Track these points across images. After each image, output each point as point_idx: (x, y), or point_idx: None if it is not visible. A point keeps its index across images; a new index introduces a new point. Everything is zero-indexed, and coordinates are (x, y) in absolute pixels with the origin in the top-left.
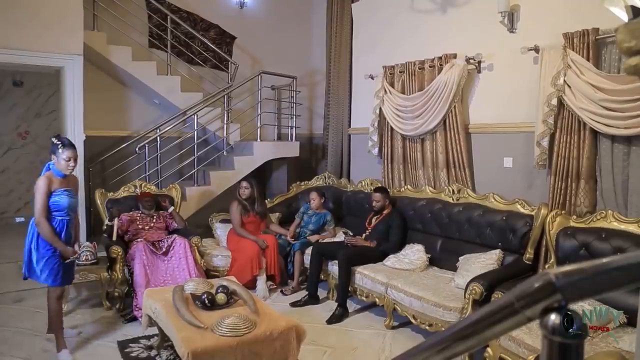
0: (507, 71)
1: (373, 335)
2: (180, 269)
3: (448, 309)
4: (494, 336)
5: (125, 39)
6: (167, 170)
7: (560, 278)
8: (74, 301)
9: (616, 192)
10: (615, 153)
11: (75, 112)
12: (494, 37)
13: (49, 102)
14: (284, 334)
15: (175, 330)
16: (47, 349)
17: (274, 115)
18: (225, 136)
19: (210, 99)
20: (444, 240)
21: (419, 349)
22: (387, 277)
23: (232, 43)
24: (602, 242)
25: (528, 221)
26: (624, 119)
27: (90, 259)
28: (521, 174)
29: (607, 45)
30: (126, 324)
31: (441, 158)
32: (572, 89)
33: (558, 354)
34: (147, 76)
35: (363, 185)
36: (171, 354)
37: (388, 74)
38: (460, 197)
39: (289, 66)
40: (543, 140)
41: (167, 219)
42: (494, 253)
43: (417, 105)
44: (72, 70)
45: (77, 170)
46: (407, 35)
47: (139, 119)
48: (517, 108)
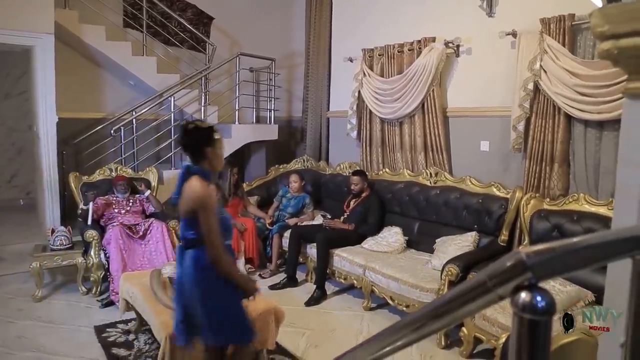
0: (485, 55)
1: (351, 317)
2: (157, 253)
3: (425, 290)
4: (467, 314)
5: (99, 18)
6: (144, 153)
7: (531, 257)
8: (49, 286)
9: (588, 175)
10: (587, 137)
11: (47, 93)
12: (472, 21)
13: (19, 82)
14: (263, 317)
15: (153, 314)
16: (21, 335)
17: (253, 98)
18: (203, 119)
19: (187, 81)
20: (422, 223)
21: (395, 327)
22: (365, 260)
23: (209, 24)
24: (574, 224)
25: (503, 204)
26: (597, 104)
27: (65, 244)
28: (497, 157)
29: (582, 31)
30: (103, 308)
31: (419, 141)
32: (548, 74)
33: (527, 330)
34: (121, 57)
35: (342, 168)
36: (149, 338)
37: (367, 57)
38: (438, 180)
39: (267, 48)
40: (519, 124)
41: (144, 202)
42: (470, 235)
43: (395, 89)
44: (43, 49)
45: (50, 153)
46: (387, 18)
47: (114, 101)
48: (494, 92)
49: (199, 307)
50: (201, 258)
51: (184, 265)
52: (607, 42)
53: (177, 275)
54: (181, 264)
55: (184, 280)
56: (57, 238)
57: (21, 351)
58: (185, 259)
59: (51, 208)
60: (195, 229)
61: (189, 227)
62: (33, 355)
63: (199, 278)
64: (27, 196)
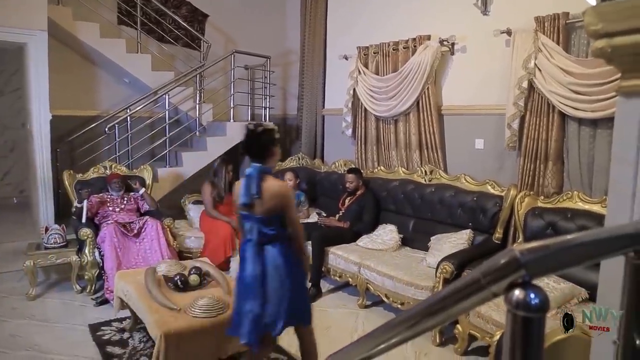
0: (479, 53)
1: (346, 315)
2: (152, 251)
3: (420, 287)
4: (462, 311)
5: (93, 15)
6: (138, 151)
7: (525, 254)
8: (43, 285)
9: (582, 173)
10: (582, 136)
11: (40, 90)
12: (467, 19)
13: (11, 79)
14: None
15: (148, 312)
16: (15, 334)
17: (248, 96)
18: (197, 116)
19: (182, 79)
20: (416, 221)
21: (389, 325)
22: (360, 257)
23: (204, 21)
24: (568, 221)
25: (498, 202)
26: (591, 102)
27: (59, 242)
28: (492, 155)
29: (576, 30)
30: (97, 307)
31: (414, 139)
32: (543, 72)
33: (521, 327)
34: (116, 54)
35: (337, 166)
36: (144, 337)
37: (362, 55)
38: (433, 178)
39: (262, 46)
40: (513, 122)
41: (138, 200)
42: (465, 233)
43: (390, 87)
44: (36, 46)
45: (44, 151)
46: (382, 16)
47: (109, 99)
48: (489, 90)
49: (286, 296)
50: (288, 251)
51: (269, 260)
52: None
53: (252, 272)
54: (258, 260)
55: (270, 274)
56: (51, 236)
57: (15, 350)
58: (268, 254)
59: (45, 206)
60: (275, 225)
61: (267, 224)
62: (27, 354)
63: (291, 270)
64: (21, 194)
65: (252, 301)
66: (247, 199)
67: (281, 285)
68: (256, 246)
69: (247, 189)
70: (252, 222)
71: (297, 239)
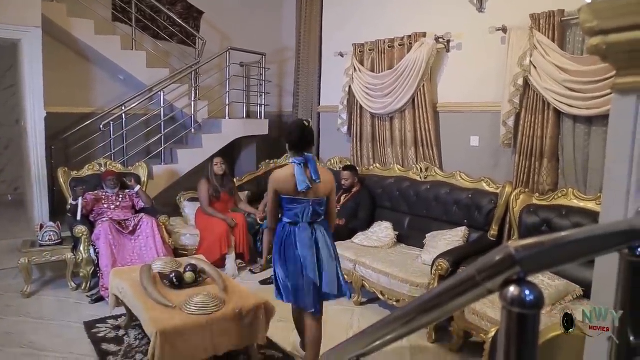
0: (475, 51)
1: (341, 312)
2: (147, 248)
3: (415, 284)
4: (457, 308)
5: (88, 12)
6: (134, 148)
7: (520, 251)
8: (38, 282)
9: (577, 170)
10: (577, 133)
11: (35, 87)
12: (463, 17)
13: (5, 76)
14: (253, 312)
15: (143, 309)
16: (10, 331)
17: (243, 93)
18: (193, 114)
19: (177, 76)
20: (412, 218)
21: (385, 321)
22: (356, 254)
23: (199, 18)
24: (563, 218)
25: (493, 199)
26: (585, 99)
27: (54, 239)
28: (487, 152)
29: (571, 27)
30: (93, 304)
31: (410, 136)
32: (538, 69)
33: (516, 324)
34: (110, 51)
35: (332, 164)
36: (139, 334)
37: (358, 52)
38: (428, 176)
39: (258, 43)
40: (509, 119)
41: (134, 198)
42: (460, 230)
43: (386, 84)
44: (30, 43)
45: (38, 148)
46: (378, 13)
47: (103, 96)
48: (484, 88)
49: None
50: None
51: (320, 237)
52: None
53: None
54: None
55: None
56: (46, 234)
57: (10, 347)
58: (319, 229)
59: (40, 203)
60: (324, 206)
61: (320, 205)
62: (22, 352)
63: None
64: (15, 191)
65: (311, 274)
66: (307, 184)
67: (331, 257)
68: (310, 226)
69: (304, 175)
70: (304, 205)
71: (335, 219)
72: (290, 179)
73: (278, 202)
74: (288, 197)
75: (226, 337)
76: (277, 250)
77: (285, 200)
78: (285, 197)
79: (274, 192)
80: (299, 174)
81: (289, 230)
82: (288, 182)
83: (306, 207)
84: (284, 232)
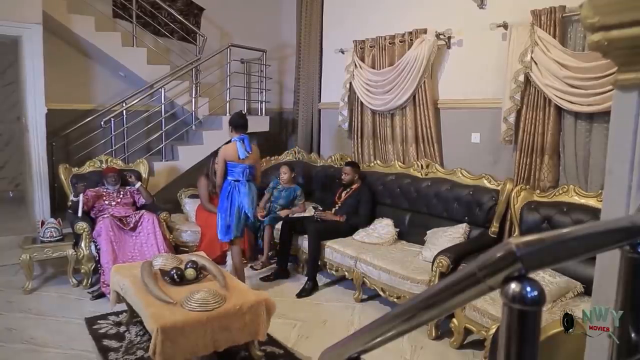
0: (476, 47)
1: (342, 308)
2: (148, 245)
3: (416, 281)
4: (458, 305)
5: (88, 8)
6: (134, 145)
7: (521, 248)
8: (39, 279)
9: (578, 167)
10: (578, 129)
11: (36, 84)
12: (464, 13)
13: (6, 72)
14: (254, 308)
15: (144, 306)
16: (11, 327)
17: (244, 89)
18: (193, 110)
19: (177, 72)
20: (413, 215)
21: (385, 318)
22: (356, 251)
23: (200, 15)
24: (564, 215)
25: (494, 196)
26: (587, 96)
27: (55, 236)
28: (488, 149)
29: (573, 23)
30: (94, 300)
31: (410, 133)
32: (539, 65)
33: (517, 321)
34: (111, 47)
35: (333, 160)
36: (140, 330)
37: (358, 49)
38: (429, 172)
39: (258, 39)
40: (510, 116)
41: (134, 194)
42: (461, 227)
43: (387, 80)
44: (31, 39)
45: (39, 144)
46: (378, 9)
47: (104, 92)
48: (485, 84)
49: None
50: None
51: (252, 190)
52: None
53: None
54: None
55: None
56: (47, 230)
57: (11, 343)
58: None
59: (41, 200)
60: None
61: (252, 169)
62: (23, 347)
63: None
64: (16, 188)
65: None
66: (245, 154)
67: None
68: (247, 182)
69: (242, 148)
70: (242, 168)
71: (259, 178)
72: (234, 151)
73: (225, 167)
74: (232, 162)
75: (227, 333)
76: (224, 198)
77: (231, 165)
78: (230, 162)
79: (223, 160)
80: (240, 147)
81: (233, 185)
82: (233, 153)
83: (244, 169)
84: (230, 186)
